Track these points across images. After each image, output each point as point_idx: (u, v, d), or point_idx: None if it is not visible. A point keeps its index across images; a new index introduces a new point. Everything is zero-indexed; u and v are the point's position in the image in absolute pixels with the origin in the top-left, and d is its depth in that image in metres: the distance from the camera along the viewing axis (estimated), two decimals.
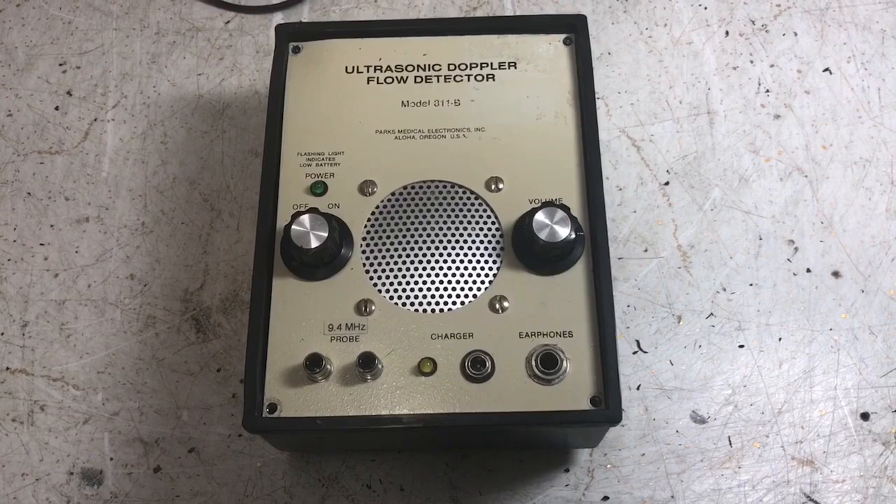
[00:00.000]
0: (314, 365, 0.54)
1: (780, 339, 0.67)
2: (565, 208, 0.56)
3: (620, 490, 0.63)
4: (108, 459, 0.65)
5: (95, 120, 0.77)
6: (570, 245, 0.56)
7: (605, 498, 0.63)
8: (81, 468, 0.65)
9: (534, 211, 0.56)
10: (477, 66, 0.64)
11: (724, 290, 0.69)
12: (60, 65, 0.79)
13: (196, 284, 0.70)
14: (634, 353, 0.67)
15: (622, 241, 0.71)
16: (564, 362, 0.54)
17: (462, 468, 0.64)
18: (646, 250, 0.70)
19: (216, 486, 0.64)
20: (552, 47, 0.64)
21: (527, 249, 0.57)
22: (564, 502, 0.63)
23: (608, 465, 0.64)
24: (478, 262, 0.58)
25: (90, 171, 0.75)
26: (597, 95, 0.74)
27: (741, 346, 0.67)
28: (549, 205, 0.56)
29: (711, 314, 0.68)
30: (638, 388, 0.66)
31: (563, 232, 0.56)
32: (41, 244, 0.72)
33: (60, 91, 0.78)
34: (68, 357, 0.68)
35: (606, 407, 0.54)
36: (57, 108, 0.77)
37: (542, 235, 0.55)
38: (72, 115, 0.77)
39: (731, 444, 0.64)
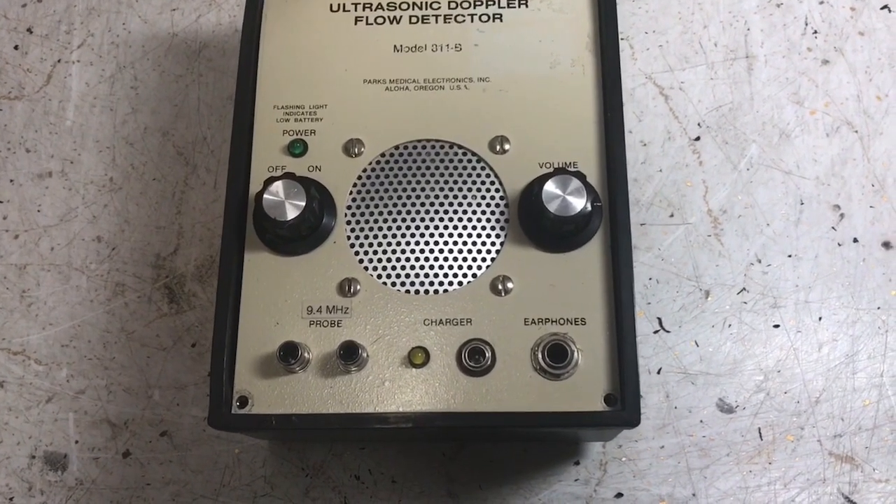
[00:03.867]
0: (288, 356, 0.47)
1: (820, 318, 0.61)
2: (581, 176, 0.49)
3: (636, 486, 0.57)
4: (72, 442, 0.60)
5: (59, 61, 0.69)
6: (585, 219, 0.49)
7: (619, 495, 0.57)
8: (44, 451, 0.59)
9: (544, 178, 0.49)
10: (482, 3, 0.56)
11: (759, 261, 0.62)
12: None
13: (169, 248, 0.64)
14: (655, 332, 0.60)
15: (645, 204, 0.63)
16: (575, 354, 0.48)
17: (460, 459, 0.58)
18: (672, 215, 0.63)
19: (190, 474, 0.58)
20: None
21: (535, 223, 0.50)
22: (573, 499, 0.57)
23: (623, 459, 0.58)
24: (479, 236, 0.51)
25: (53, 119, 0.67)
26: (620, 37, 0.66)
27: (776, 326, 0.60)
28: (561, 172, 0.49)
29: (744, 289, 0.61)
30: (658, 372, 0.59)
31: (578, 204, 0.48)
32: (0, 202, 0.65)
33: (20, 28, 0.70)
34: (29, 328, 0.62)
35: (622, 407, 0.47)
36: (16, 48, 0.70)
37: (553, 208, 0.48)
38: (33, 55, 0.69)
39: (761, 436, 0.58)
